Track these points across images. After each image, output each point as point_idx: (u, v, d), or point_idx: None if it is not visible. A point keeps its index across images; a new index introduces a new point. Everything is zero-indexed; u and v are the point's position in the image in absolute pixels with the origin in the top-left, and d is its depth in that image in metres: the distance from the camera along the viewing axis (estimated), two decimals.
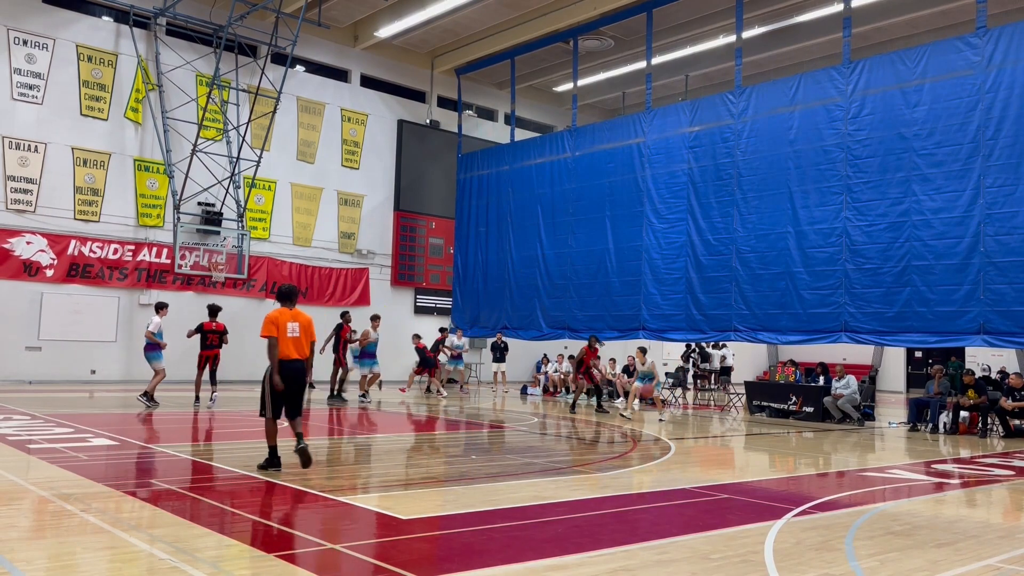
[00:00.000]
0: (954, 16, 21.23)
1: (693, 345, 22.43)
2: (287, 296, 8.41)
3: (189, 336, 15.08)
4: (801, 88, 16.82)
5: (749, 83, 18.83)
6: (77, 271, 20.39)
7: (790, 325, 16.58)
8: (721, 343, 21.27)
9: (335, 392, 17.14)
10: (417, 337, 20.05)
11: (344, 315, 17.74)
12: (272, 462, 8.13)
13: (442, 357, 20.97)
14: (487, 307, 24.18)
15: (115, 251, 20.96)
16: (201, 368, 14.93)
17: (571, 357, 22.27)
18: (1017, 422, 14.26)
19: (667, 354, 29.75)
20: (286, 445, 8.20)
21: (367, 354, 17.23)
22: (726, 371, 22.12)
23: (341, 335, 17.37)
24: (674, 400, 20.63)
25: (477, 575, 4.81)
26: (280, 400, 8.12)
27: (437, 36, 25.24)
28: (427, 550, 5.54)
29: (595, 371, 18.05)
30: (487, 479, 8.44)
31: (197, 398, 15.15)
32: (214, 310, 15.04)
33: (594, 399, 17.73)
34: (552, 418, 16.00)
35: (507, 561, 5.09)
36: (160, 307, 15.13)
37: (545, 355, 24.40)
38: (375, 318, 17.74)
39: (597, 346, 17.82)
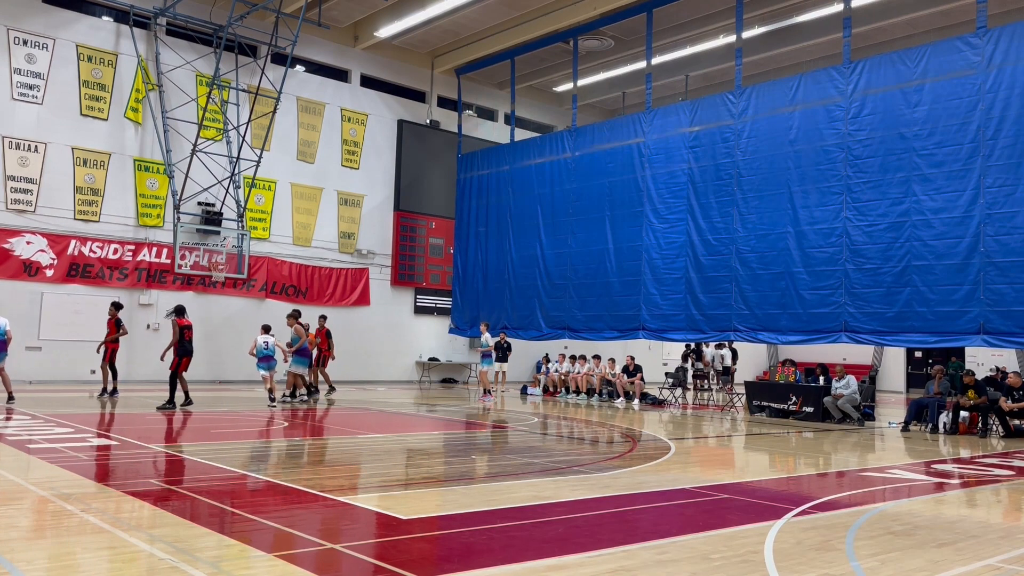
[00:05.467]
0: (954, 16, 21.23)
1: (693, 345, 22.44)
2: None
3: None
4: (801, 88, 16.81)
5: (749, 83, 18.83)
6: (77, 271, 20.39)
7: (790, 325, 16.57)
8: (721, 343, 21.27)
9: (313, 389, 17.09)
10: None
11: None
12: None
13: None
14: (487, 307, 24.17)
15: (115, 251, 20.96)
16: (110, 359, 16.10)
17: (584, 357, 22.26)
18: (1017, 422, 14.26)
19: (667, 354, 29.79)
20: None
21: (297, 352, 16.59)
22: (726, 371, 22.12)
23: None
24: (674, 400, 20.63)
25: (477, 575, 4.81)
26: None
27: (437, 36, 25.23)
28: (427, 550, 5.54)
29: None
30: (487, 479, 8.44)
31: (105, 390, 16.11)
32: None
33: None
34: (552, 418, 16.00)
35: (507, 561, 5.09)
36: (266, 329, 16.07)
37: (547, 355, 24.42)
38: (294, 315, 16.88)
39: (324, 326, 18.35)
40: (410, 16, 22.82)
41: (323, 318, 18.96)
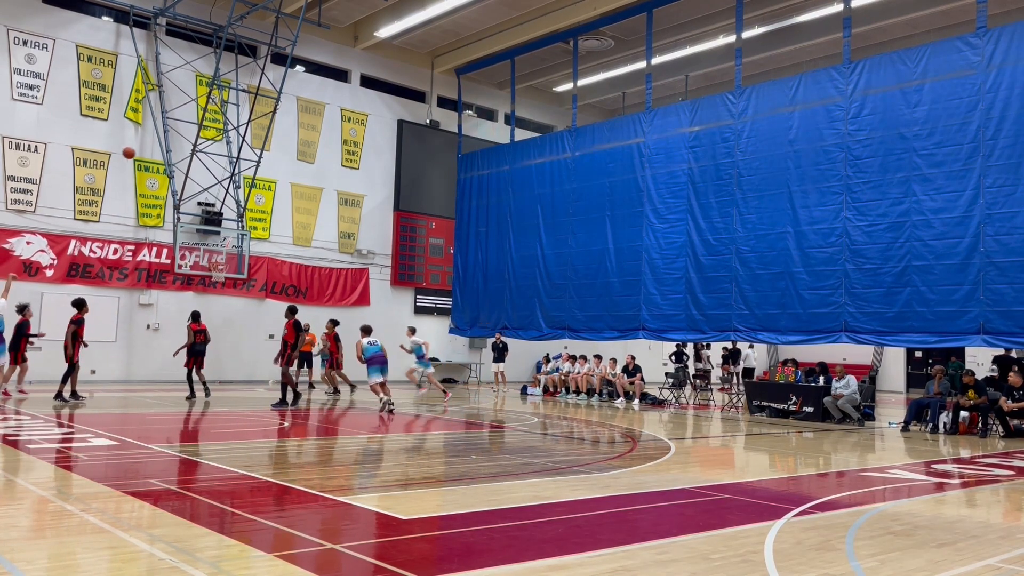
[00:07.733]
0: (954, 16, 21.23)
1: (691, 345, 22.43)
2: None
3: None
4: (801, 88, 16.82)
5: (749, 83, 18.84)
6: (77, 271, 20.38)
7: (790, 325, 16.58)
8: (751, 344, 21.24)
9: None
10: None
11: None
12: None
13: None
14: (487, 307, 24.19)
15: (115, 251, 20.95)
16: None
17: (584, 357, 22.24)
18: (1017, 422, 14.25)
19: (667, 354, 29.75)
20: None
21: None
22: (748, 372, 22.05)
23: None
24: (674, 400, 20.63)
25: (477, 575, 4.81)
26: None
27: (437, 36, 25.23)
28: (427, 550, 5.54)
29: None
30: (487, 479, 8.44)
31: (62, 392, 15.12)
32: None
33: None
34: (552, 418, 16.00)
35: (507, 561, 5.09)
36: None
37: (547, 355, 24.41)
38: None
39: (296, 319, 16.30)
40: (410, 16, 22.82)
41: (334, 323, 19.20)
